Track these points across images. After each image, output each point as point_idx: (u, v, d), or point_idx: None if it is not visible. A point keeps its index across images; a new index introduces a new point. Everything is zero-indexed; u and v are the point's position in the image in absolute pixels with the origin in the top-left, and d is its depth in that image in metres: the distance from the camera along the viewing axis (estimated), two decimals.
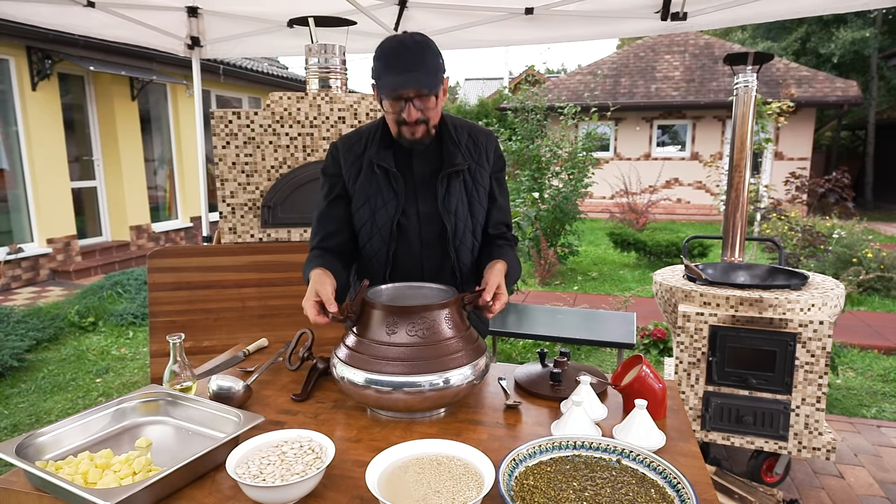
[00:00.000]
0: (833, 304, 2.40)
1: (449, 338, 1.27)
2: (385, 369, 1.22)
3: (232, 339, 2.49)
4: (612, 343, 3.03)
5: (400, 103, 1.41)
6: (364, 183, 1.54)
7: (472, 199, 1.58)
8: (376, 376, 1.22)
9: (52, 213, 6.98)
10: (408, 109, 1.41)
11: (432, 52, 1.41)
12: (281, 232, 2.79)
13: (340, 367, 1.28)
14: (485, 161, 1.60)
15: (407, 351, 1.24)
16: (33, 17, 3.24)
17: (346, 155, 1.57)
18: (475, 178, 1.58)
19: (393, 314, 1.27)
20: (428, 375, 1.21)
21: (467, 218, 1.57)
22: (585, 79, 14.65)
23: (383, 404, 1.25)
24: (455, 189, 1.55)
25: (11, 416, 3.41)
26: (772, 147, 10.62)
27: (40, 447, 1.10)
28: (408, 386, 1.21)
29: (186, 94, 9.15)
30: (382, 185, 1.53)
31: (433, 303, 1.29)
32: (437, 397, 1.23)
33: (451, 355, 1.25)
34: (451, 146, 1.55)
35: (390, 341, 1.25)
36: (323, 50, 2.73)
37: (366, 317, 1.30)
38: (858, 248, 6.15)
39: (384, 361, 1.23)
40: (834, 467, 2.74)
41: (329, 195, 1.60)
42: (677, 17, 3.13)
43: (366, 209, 1.55)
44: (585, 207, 8.91)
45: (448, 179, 1.54)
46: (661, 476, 0.99)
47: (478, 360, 1.29)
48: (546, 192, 7.16)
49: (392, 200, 1.53)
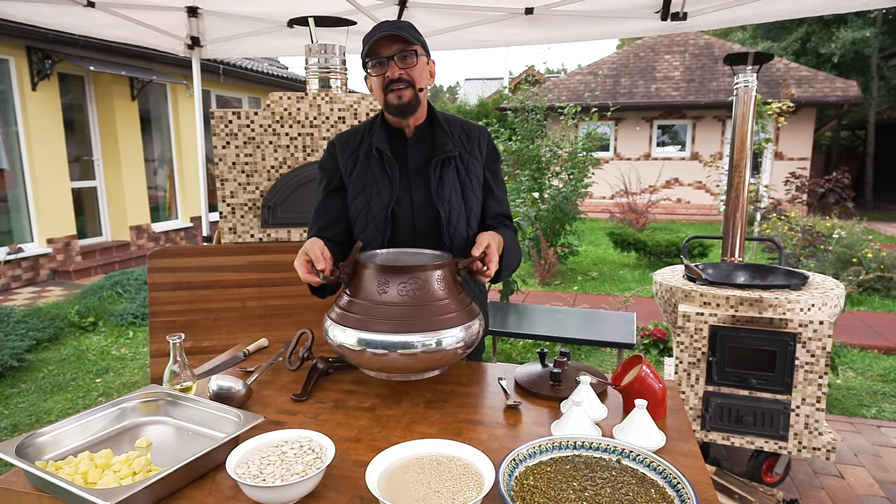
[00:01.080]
0: (833, 304, 2.40)
1: (441, 299, 1.27)
2: (376, 328, 1.22)
3: (232, 339, 2.49)
4: (612, 343, 3.03)
5: (383, 66, 1.48)
6: (360, 173, 1.59)
7: (465, 188, 1.60)
8: (367, 335, 1.22)
9: (52, 213, 6.98)
10: (391, 68, 1.47)
11: (411, 25, 1.51)
12: (281, 232, 2.79)
13: (332, 328, 1.28)
14: (477, 152, 1.63)
15: (398, 310, 1.24)
16: (33, 17, 3.24)
17: (342, 149, 1.62)
18: (468, 167, 1.61)
19: (385, 273, 1.27)
20: (419, 335, 1.22)
21: (461, 206, 1.59)
22: (585, 79, 14.66)
23: (373, 364, 1.25)
24: (448, 177, 1.58)
25: (11, 416, 3.41)
26: (772, 147, 10.63)
27: (40, 447, 1.10)
28: (400, 346, 1.21)
29: (186, 94, 9.15)
30: (377, 173, 1.57)
31: (426, 263, 1.29)
32: (427, 359, 1.24)
33: (443, 316, 1.25)
34: (442, 136, 1.59)
35: (381, 300, 1.25)
36: (323, 50, 2.73)
37: (358, 277, 1.31)
38: (858, 248, 6.15)
39: (375, 320, 1.23)
40: (834, 467, 2.74)
41: (326, 188, 1.64)
42: (677, 17, 3.13)
43: (361, 198, 1.58)
44: (585, 207, 8.92)
45: (441, 167, 1.57)
46: (661, 476, 0.99)
47: (470, 322, 1.29)
48: (546, 192, 7.16)
49: (387, 188, 1.56)
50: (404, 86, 1.49)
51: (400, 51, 1.47)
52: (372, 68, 1.50)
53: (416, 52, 1.49)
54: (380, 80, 1.50)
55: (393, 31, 1.45)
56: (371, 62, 1.49)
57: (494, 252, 1.38)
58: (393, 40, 1.47)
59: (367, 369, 1.33)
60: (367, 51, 1.49)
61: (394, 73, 1.47)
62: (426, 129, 1.61)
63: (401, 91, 1.49)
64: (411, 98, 1.51)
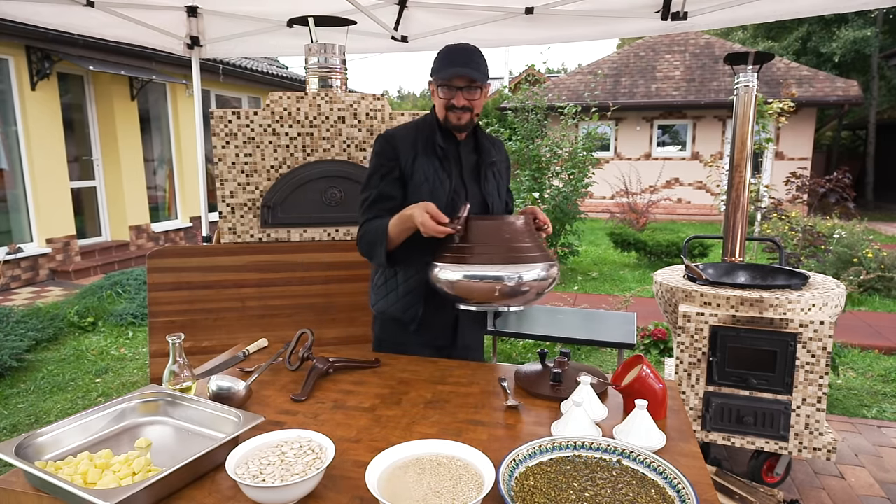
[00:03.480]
0: (833, 304, 2.40)
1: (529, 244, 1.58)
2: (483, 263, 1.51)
3: (232, 339, 2.49)
4: (612, 343, 3.03)
5: (452, 91, 1.71)
6: (422, 163, 1.80)
7: (500, 187, 1.94)
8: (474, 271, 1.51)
9: (51, 213, 6.97)
10: (457, 96, 1.72)
11: (482, 56, 1.75)
12: (281, 232, 2.78)
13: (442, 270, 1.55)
14: (502, 160, 1.99)
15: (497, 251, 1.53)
16: (33, 16, 3.24)
17: (402, 141, 1.83)
18: (499, 169, 1.94)
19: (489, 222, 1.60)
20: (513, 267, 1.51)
21: (499, 201, 1.91)
22: (586, 78, 14.65)
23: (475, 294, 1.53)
24: (491, 177, 1.89)
25: (11, 416, 3.41)
26: (772, 147, 10.61)
27: (40, 447, 1.09)
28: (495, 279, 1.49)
29: (186, 93, 9.15)
30: (437, 166, 1.80)
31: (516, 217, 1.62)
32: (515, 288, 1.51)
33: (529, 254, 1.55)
34: (485, 144, 1.90)
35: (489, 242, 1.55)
36: (323, 50, 2.73)
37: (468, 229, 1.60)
38: (859, 248, 6.15)
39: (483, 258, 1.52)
40: (834, 468, 2.74)
41: (387, 176, 1.82)
42: (678, 16, 3.13)
43: (425, 186, 1.79)
44: (586, 207, 8.91)
45: (487, 168, 1.89)
46: (662, 476, 0.99)
47: (551, 263, 1.58)
48: (546, 191, 7.16)
49: (447, 180, 1.81)
50: (466, 111, 1.74)
51: (469, 84, 1.70)
52: (440, 89, 1.73)
53: (481, 87, 1.73)
54: (445, 101, 1.74)
55: (468, 72, 1.67)
56: (441, 85, 1.72)
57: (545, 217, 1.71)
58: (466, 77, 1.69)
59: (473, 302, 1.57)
60: (441, 76, 1.70)
61: (459, 102, 1.72)
62: (471, 136, 1.89)
63: (461, 115, 1.74)
64: (468, 122, 1.77)
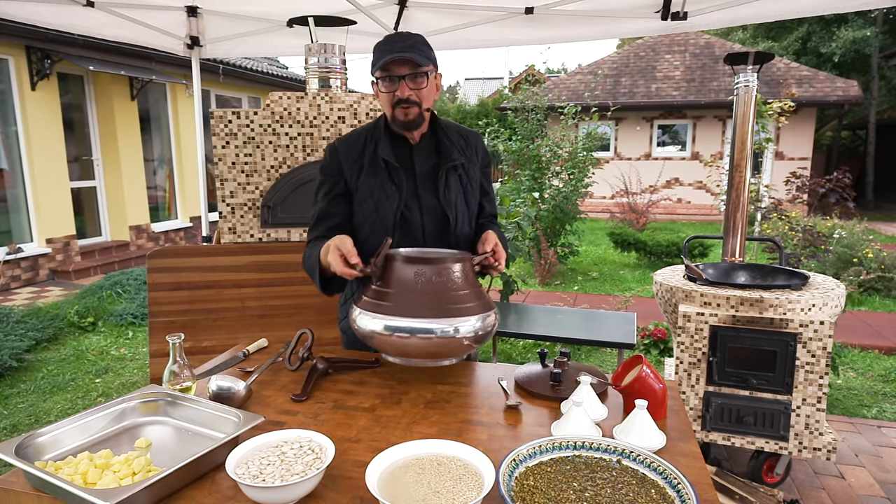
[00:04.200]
0: (834, 304, 2.40)
1: (462, 289, 1.38)
2: (403, 314, 1.32)
3: (232, 339, 2.49)
4: (612, 343, 3.03)
5: (394, 82, 1.53)
6: (367, 178, 1.62)
7: (467, 192, 1.70)
8: (393, 322, 1.32)
9: (51, 213, 6.97)
10: (401, 87, 1.52)
11: (424, 41, 1.56)
12: (281, 232, 2.78)
13: (361, 316, 1.37)
14: (475, 157, 1.74)
15: (424, 299, 1.34)
16: (33, 16, 3.24)
17: (346, 154, 1.65)
18: (468, 172, 1.70)
19: (413, 265, 1.38)
20: (439, 323, 1.31)
21: (465, 209, 1.68)
22: (586, 78, 14.65)
23: (398, 350, 1.35)
24: (453, 183, 1.66)
25: (11, 416, 3.41)
26: (772, 147, 10.61)
27: (40, 447, 1.09)
28: (421, 332, 1.31)
29: (186, 93, 9.15)
30: (385, 179, 1.61)
31: (449, 256, 1.41)
32: (446, 344, 1.33)
33: (463, 305, 1.35)
34: (447, 143, 1.67)
35: (410, 290, 1.36)
36: (323, 50, 2.73)
37: (388, 270, 1.41)
38: (859, 248, 6.15)
39: (403, 308, 1.33)
40: (834, 468, 2.74)
41: (330, 193, 1.66)
42: (678, 16, 3.13)
43: (369, 203, 1.62)
44: (586, 207, 8.91)
45: (447, 174, 1.65)
46: (662, 476, 0.99)
47: (487, 313, 1.39)
48: (546, 191, 7.16)
49: (395, 194, 1.60)
50: (412, 105, 1.55)
51: (411, 71, 1.52)
52: (382, 83, 1.55)
53: (426, 73, 1.54)
54: (389, 95, 1.55)
55: (406, 55, 1.49)
56: (381, 77, 1.54)
57: (502, 250, 1.52)
58: (405, 61, 1.51)
59: (391, 355, 1.41)
60: (378, 65, 1.52)
61: (403, 94, 1.53)
62: (430, 136, 1.69)
63: (408, 109, 1.55)
64: (417, 116, 1.58)
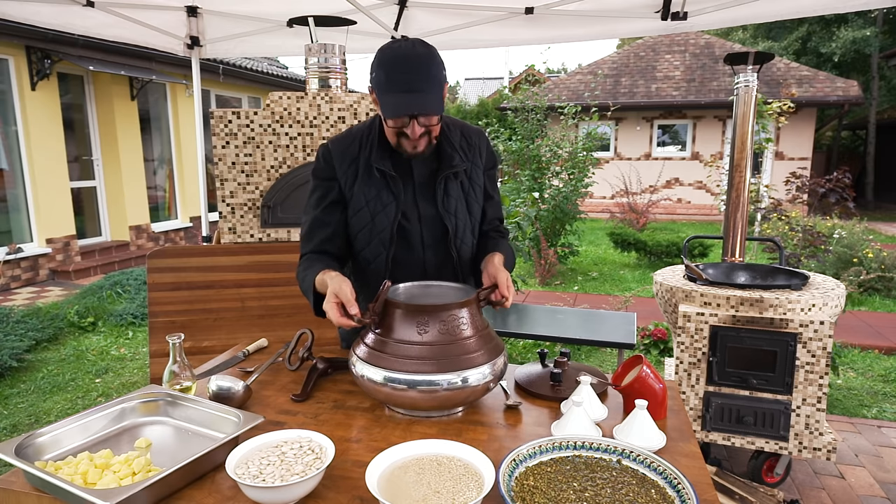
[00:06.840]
0: (834, 304, 2.40)
1: (468, 337, 1.28)
2: (405, 368, 1.22)
3: (232, 339, 2.49)
4: (612, 343, 3.03)
5: (403, 119, 1.37)
6: (362, 186, 1.50)
7: (470, 198, 1.58)
8: (395, 374, 1.22)
9: (51, 213, 6.97)
10: (412, 126, 1.37)
11: (436, 66, 1.36)
12: (281, 232, 2.78)
13: (360, 366, 1.28)
14: (478, 159, 1.61)
15: (427, 350, 1.24)
16: (33, 16, 3.24)
17: (340, 158, 1.52)
18: (471, 176, 1.58)
19: (414, 313, 1.27)
20: (446, 374, 1.22)
21: (466, 217, 1.57)
22: (586, 78, 14.65)
23: (402, 402, 1.26)
24: (453, 190, 1.54)
25: (11, 416, 3.41)
26: (772, 147, 10.61)
27: (40, 447, 1.09)
28: (425, 385, 1.21)
29: (186, 93, 9.15)
30: (381, 188, 1.50)
31: (453, 302, 1.29)
32: (454, 396, 1.24)
33: (470, 354, 1.25)
34: (447, 147, 1.53)
35: (412, 340, 1.26)
36: (323, 50, 2.73)
37: (388, 317, 1.30)
38: (859, 248, 6.15)
39: (405, 360, 1.23)
40: (834, 468, 2.74)
41: (323, 200, 1.54)
42: (678, 16, 3.13)
43: (364, 213, 1.51)
44: (586, 207, 8.91)
45: (446, 181, 1.53)
46: (662, 476, 0.99)
47: (496, 359, 1.29)
48: (546, 192, 7.16)
49: (391, 204, 1.50)
50: (423, 138, 1.41)
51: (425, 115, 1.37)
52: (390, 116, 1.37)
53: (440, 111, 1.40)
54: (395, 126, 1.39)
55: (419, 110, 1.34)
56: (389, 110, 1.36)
57: (510, 285, 1.35)
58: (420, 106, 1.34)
59: (394, 406, 1.32)
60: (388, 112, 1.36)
61: (414, 134, 1.38)
62: None
63: (417, 143, 1.41)
64: (426, 147, 1.44)
